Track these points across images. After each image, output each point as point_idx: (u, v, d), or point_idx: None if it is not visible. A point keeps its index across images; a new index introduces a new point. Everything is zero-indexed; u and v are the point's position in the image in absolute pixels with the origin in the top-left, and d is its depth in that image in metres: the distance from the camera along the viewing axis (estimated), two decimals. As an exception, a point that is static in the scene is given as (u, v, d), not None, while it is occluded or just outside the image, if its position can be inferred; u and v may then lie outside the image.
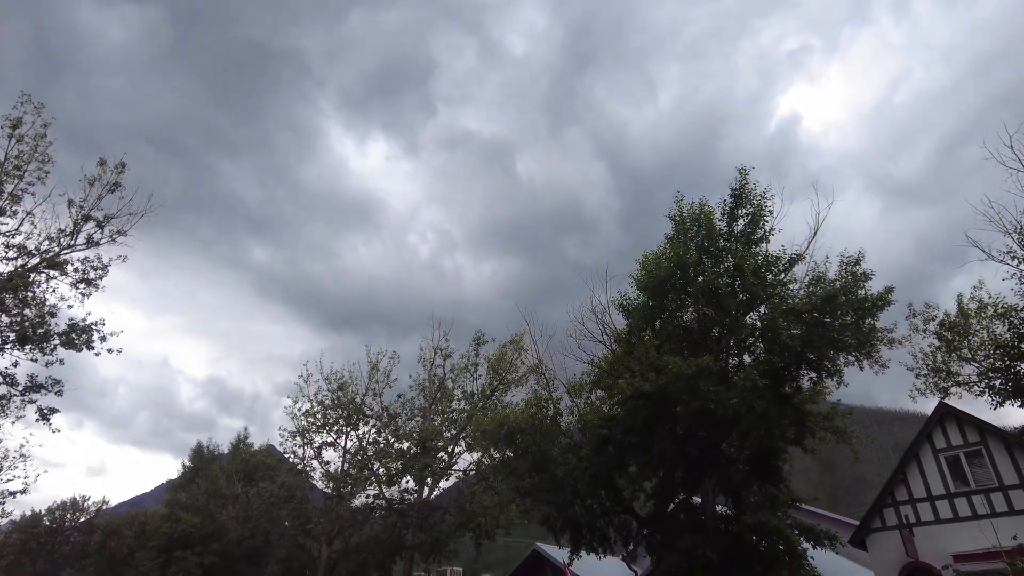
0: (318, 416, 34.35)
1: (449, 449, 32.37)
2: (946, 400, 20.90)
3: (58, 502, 63.73)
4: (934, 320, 20.21)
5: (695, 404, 15.89)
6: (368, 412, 34.39)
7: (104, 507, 66.02)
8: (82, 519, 64.28)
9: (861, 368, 17.87)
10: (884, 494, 22.35)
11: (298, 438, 34.91)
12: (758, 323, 17.86)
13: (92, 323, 21.78)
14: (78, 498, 65.62)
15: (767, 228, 19.36)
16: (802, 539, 16.72)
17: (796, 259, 18.37)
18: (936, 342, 20.30)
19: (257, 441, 54.05)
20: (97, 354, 21.97)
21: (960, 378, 20.10)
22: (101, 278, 22.20)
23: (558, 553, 31.54)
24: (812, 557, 16.93)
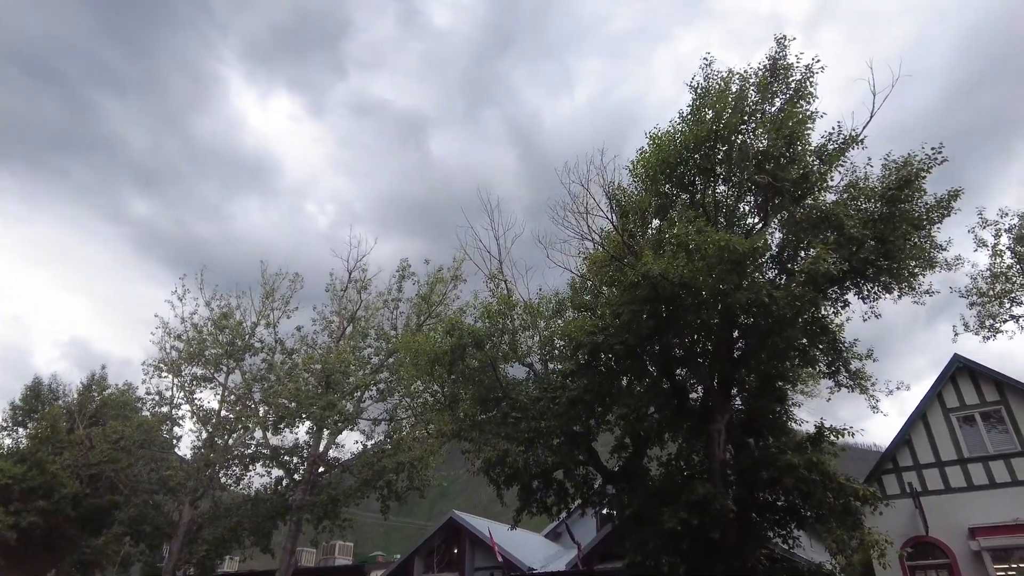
0: (193, 343, 27.43)
1: (357, 395, 26.64)
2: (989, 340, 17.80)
3: None
4: (1010, 231, 16.86)
5: (744, 297, 11.44)
6: (258, 345, 27.96)
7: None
8: None
9: (912, 288, 14.26)
10: (885, 459, 19.16)
11: (166, 372, 27.88)
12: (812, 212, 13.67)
13: None
14: None
15: (808, 111, 15.37)
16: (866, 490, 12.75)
17: (851, 143, 14.40)
18: (1007, 261, 16.97)
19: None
20: None
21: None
22: None
23: (480, 524, 26.74)
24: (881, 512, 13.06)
